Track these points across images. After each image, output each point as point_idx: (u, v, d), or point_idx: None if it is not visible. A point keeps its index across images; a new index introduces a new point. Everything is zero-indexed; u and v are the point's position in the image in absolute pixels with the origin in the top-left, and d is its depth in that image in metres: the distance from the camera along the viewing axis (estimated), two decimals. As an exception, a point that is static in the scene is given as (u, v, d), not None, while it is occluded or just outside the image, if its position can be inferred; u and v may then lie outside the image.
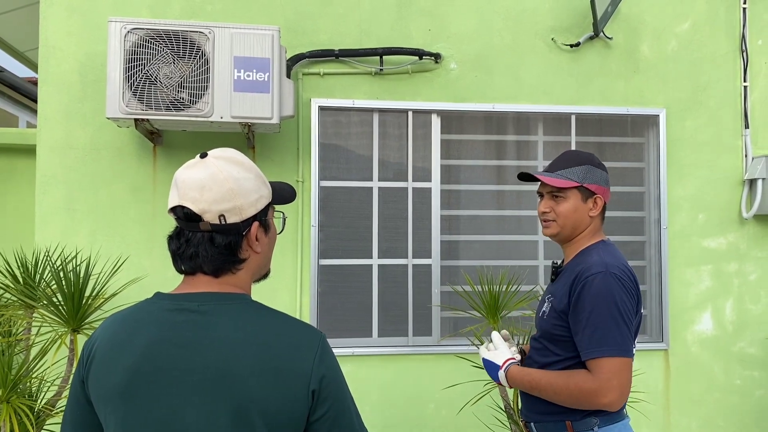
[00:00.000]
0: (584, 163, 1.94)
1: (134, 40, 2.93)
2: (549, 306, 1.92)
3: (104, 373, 1.12)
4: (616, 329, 1.73)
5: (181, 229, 1.19)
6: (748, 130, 3.85)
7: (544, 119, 3.81)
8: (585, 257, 1.89)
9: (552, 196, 1.95)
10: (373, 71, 3.58)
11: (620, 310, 1.74)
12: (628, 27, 3.81)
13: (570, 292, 1.82)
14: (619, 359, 1.72)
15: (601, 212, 1.96)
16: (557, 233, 1.97)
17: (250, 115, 3.01)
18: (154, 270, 3.39)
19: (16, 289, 2.98)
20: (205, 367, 1.09)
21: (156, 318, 1.15)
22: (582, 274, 1.80)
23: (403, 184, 3.66)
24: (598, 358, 1.72)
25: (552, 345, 1.89)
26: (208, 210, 1.15)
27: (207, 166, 1.17)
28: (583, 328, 1.76)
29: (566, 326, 1.83)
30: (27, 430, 2.52)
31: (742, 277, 3.85)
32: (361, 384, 3.49)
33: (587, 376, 1.74)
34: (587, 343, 1.75)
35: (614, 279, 1.76)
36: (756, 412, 3.84)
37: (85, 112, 3.40)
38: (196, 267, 1.19)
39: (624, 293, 1.77)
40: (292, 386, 1.10)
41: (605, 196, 1.96)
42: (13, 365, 2.59)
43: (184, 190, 1.16)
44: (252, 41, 3.01)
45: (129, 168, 3.42)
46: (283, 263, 3.49)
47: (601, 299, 1.74)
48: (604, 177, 1.95)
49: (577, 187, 1.91)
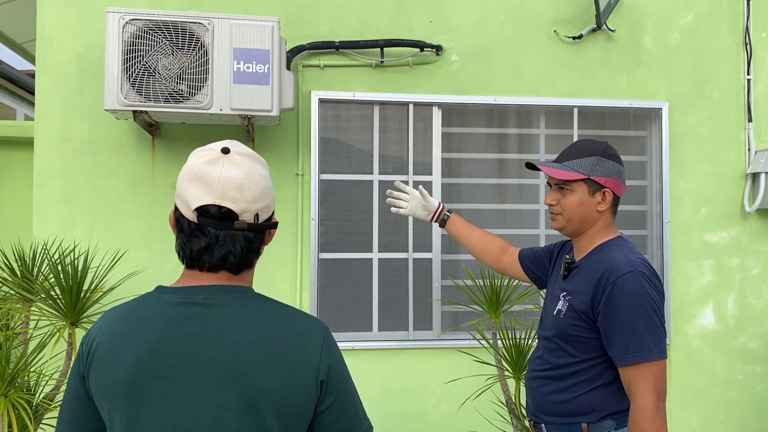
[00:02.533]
0: (594, 154, 1.84)
1: (132, 31, 2.89)
2: (566, 305, 1.84)
3: (108, 368, 1.11)
4: (653, 333, 1.68)
5: (201, 226, 1.13)
6: (751, 123, 3.82)
7: (546, 112, 3.79)
8: (605, 254, 1.81)
9: (559, 188, 1.88)
10: (374, 63, 3.55)
11: (655, 311, 1.70)
12: (630, 19, 3.77)
13: (595, 292, 1.75)
14: (659, 363, 1.68)
15: (612, 207, 1.87)
16: (563, 227, 1.90)
17: (250, 108, 2.98)
18: (152, 263, 3.37)
19: (14, 282, 2.96)
20: (215, 360, 1.08)
21: (162, 312, 1.13)
22: (610, 274, 1.73)
23: (403, 177, 3.63)
24: (639, 364, 1.67)
25: (568, 345, 1.83)
26: (248, 209, 1.14)
27: (238, 163, 1.14)
28: (618, 333, 1.70)
29: (588, 327, 1.78)
30: (25, 424, 2.51)
31: (744, 271, 3.83)
32: (362, 378, 3.45)
33: (642, 414, 1.66)
34: (625, 349, 1.69)
35: (645, 279, 1.71)
36: (757, 406, 3.83)
37: (83, 104, 3.37)
38: (224, 264, 1.16)
39: (655, 292, 1.72)
40: (301, 377, 1.11)
41: (616, 190, 1.86)
42: (11, 359, 2.58)
43: (221, 189, 1.11)
44: (252, 33, 2.98)
45: (127, 160, 3.40)
46: (283, 257, 3.47)
47: (635, 302, 1.69)
48: (615, 169, 1.86)
49: (584, 179, 1.83)
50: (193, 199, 1.12)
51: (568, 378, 1.83)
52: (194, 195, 1.12)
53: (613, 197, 1.86)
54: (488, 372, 3.22)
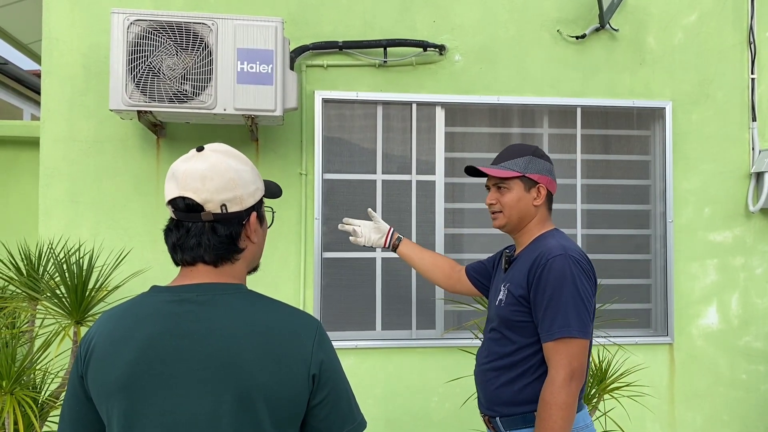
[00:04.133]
0: (526, 154, 2.01)
1: (137, 32, 2.91)
2: (506, 293, 1.94)
3: (105, 368, 1.13)
4: (577, 311, 1.77)
5: (179, 221, 1.20)
6: (755, 122, 3.81)
7: (550, 112, 3.79)
8: (541, 243, 1.94)
9: (497, 187, 2.04)
10: (377, 63, 3.56)
11: (581, 291, 1.79)
12: (634, 19, 3.77)
13: (528, 274, 1.86)
14: (579, 341, 1.77)
15: (547, 201, 2.03)
16: (505, 224, 2.04)
17: (254, 107, 2.99)
18: (157, 262, 3.39)
19: (20, 281, 2.98)
20: (208, 357, 1.10)
21: (155, 310, 1.15)
22: (541, 257, 1.84)
23: (406, 177, 3.64)
24: (558, 339, 1.76)
25: (510, 332, 1.91)
26: (211, 200, 1.17)
27: (206, 158, 1.20)
28: (544, 309, 1.80)
29: (525, 311, 1.87)
30: (30, 421, 2.53)
31: (748, 271, 3.82)
32: (365, 377, 3.49)
33: (548, 387, 1.76)
34: (549, 326, 1.78)
35: (573, 261, 1.82)
36: (761, 406, 3.82)
37: (88, 104, 3.39)
38: (197, 257, 1.20)
39: (584, 276, 1.82)
40: (293, 372, 1.13)
41: (549, 186, 2.03)
42: (16, 357, 2.60)
43: (185, 181, 1.17)
44: (255, 33, 2.99)
45: (132, 160, 3.42)
46: (286, 256, 3.49)
47: (562, 281, 1.79)
48: (546, 167, 2.03)
49: (519, 177, 1.99)
50: (166, 195, 1.20)
51: (514, 367, 1.90)
52: (167, 191, 1.20)
53: (547, 193, 2.02)
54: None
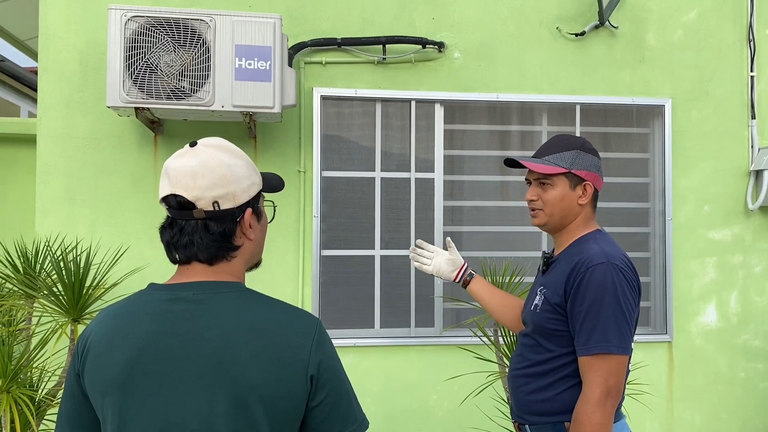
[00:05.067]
0: (573, 148, 1.84)
1: (134, 28, 2.89)
2: (542, 298, 1.82)
3: (101, 366, 1.12)
4: (617, 326, 1.65)
5: (173, 219, 1.18)
6: (754, 120, 3.81)
7: (549, 109, 3.78)
8: (581, 247, 1.79)
9: (539, 183, 1.87)
10: (376, 60, 3.54)
11: (622, 304, 1.66)
12: (633, 16, 3.76)
13: (567, 282, 1.72)
14: (618, 357, 1.65)
15: (592, 200, 1.86)
16: (545, 223, 1.88)
17: (252, 104, 2.98)
18: (155, 260, 3.37)
19: (17, 278, 2.97)
20: (203, 356, 1.09)
21: (152, 309, 1.14)
22: (582, 265, 1.70)
23: (405, 174, 3.63)
24: (595, 354, 1.65)
25: (545, 340, 1.80)
26: (202, 197, 1.14)
27: (197, 153, 1.17)
28: (582, 322, 1.67)
29: (561, 319, 1.75)
30: (27, 420, 2.51)
31: (747, 269, 3.82)
32: (363, 375, 3.48)
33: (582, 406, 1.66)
34: (586, 340, 1.66)
35: (617, 271, 1.67)
36: (760, 404, 3.82)
37: (85, 101, 3.37)
38: (191, 255, 1.17)
39: (627, 286, 1.68)
40: (291, 372, 1.10)
41: (596, 183, 1.86)
42: (13, 355, 2.58)
43: (176, 178, 1.15)
44: (253, 29, 2.98)
45: (130, 157, 3.40)
46: (285, 254, 3.48)
47: (603, 292, 1.65)
48: (594, 163, 1.86)
49: (564, 173, 1.82)
50: (160, 192, 1.18)
51: (547, 375, 1.79)
52: (161, 188, 1.18)
53: (594, 190, 1.85)
54: (490, 369, 3.22)
